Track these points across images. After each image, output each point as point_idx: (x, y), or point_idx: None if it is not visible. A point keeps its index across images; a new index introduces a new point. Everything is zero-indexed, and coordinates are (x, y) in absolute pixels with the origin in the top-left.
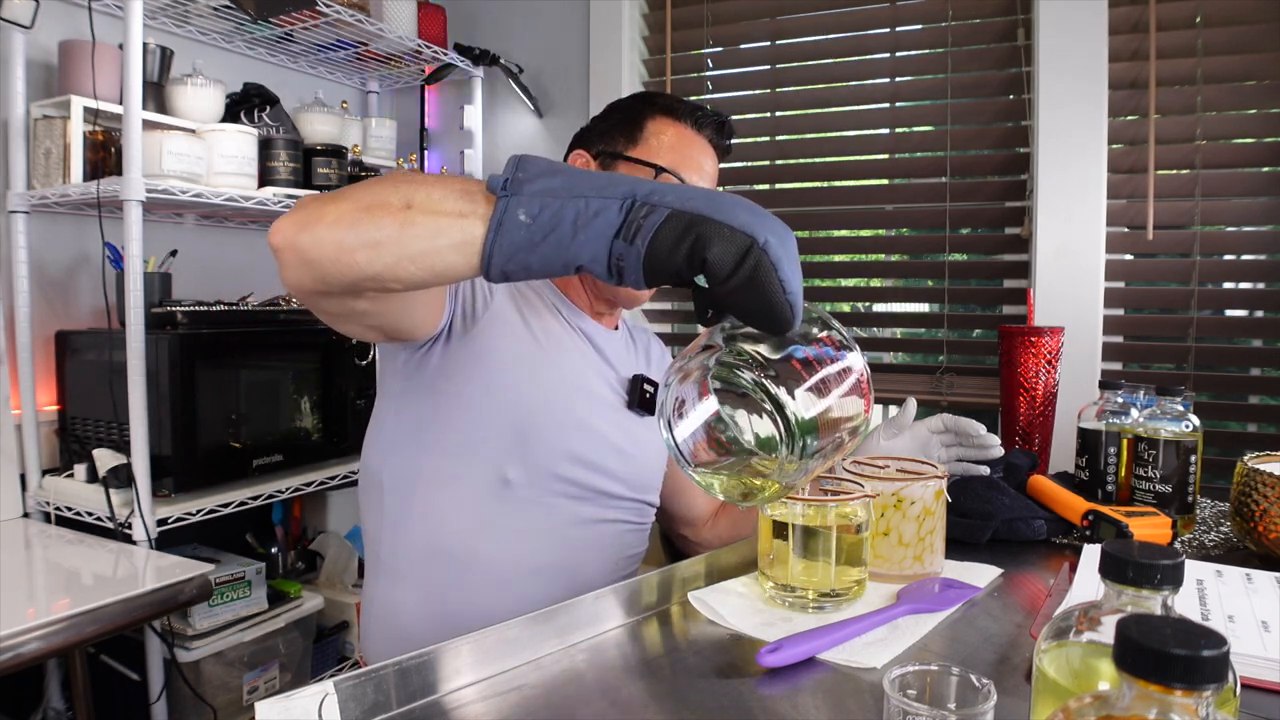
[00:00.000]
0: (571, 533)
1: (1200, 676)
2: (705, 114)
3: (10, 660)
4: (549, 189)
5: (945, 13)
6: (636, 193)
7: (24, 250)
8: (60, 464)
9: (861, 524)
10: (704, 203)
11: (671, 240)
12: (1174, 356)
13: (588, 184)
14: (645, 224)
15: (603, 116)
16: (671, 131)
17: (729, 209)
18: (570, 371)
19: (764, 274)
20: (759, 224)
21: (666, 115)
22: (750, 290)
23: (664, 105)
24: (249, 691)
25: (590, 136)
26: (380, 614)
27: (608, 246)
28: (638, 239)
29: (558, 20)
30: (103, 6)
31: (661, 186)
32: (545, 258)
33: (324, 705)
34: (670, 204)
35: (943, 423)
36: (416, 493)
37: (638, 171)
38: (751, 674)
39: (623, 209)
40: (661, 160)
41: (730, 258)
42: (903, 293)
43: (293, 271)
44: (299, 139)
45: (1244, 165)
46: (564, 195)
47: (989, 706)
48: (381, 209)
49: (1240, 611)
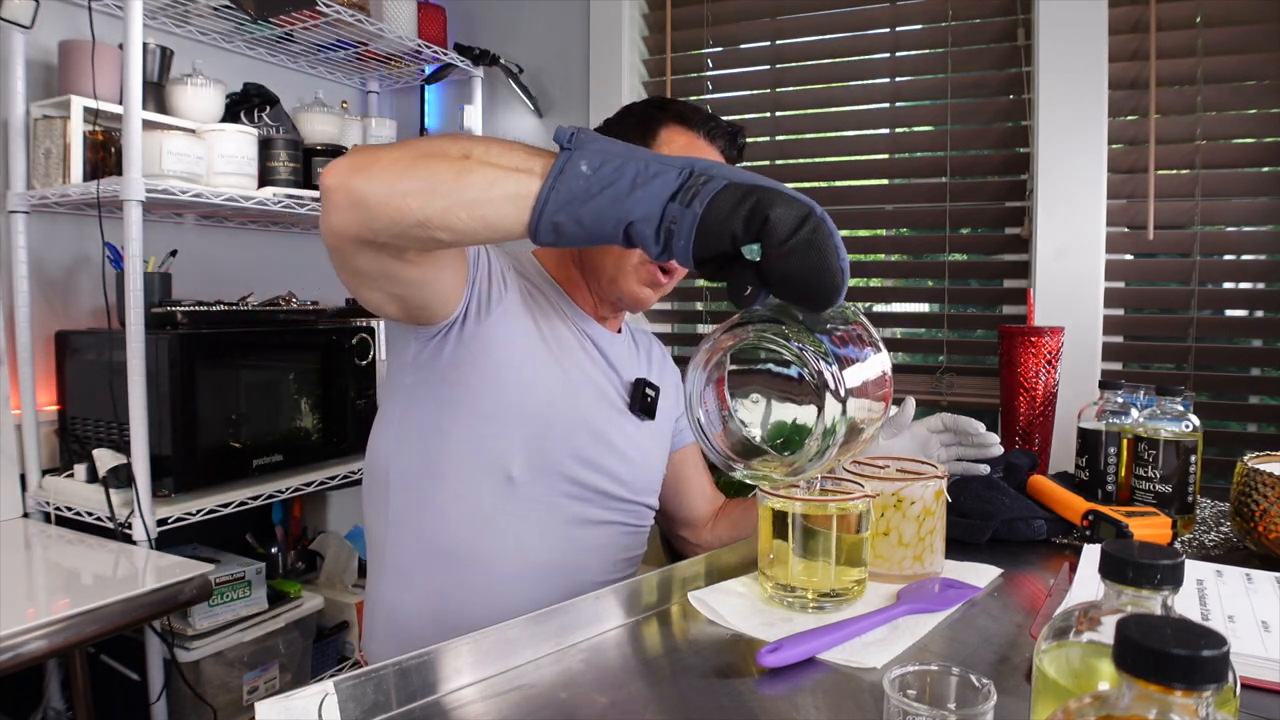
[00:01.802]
0: (571, 533)
1: (1200, 676)
2: (719, 125)
3: (10, 660)
4: (611, 150)
5: (945, 13)
6: (695, 165)
7: (24, 250)
8: (60, 464)
9: (861, 522)
10: (758, 179)
11: (730, 204)
12: (1174, 356)
13: (646, 153)
14: (703, 190)
15: (616, 119)
16: (684, 140)
17: (781, 187)
18: (576, 373)
19: (823, 237)
20: (811, 202)
21: (680, 124)
22: (809, 253)
23: (678, 113)
24: (249, 691)
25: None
26: (384, 615)
27: (661, 206)
28: (695, 202)
29: (558, 20)
30: (103, 6)
31: (717, 164)
32: (598, 211)
33: (324, 705)
34: (728, 176)
35: (942, 422)
36: (422, 488)
37: None
38: (751, 674)
39: (680, 174)
40: None
41: (791, 219)
42: (903, 293)
43: (340, 214)
44: (299, 139)
45: (1244, 165)
46: (625, 156)
47: (989, 706)
48: (440, 157)
49: (1240, 611)
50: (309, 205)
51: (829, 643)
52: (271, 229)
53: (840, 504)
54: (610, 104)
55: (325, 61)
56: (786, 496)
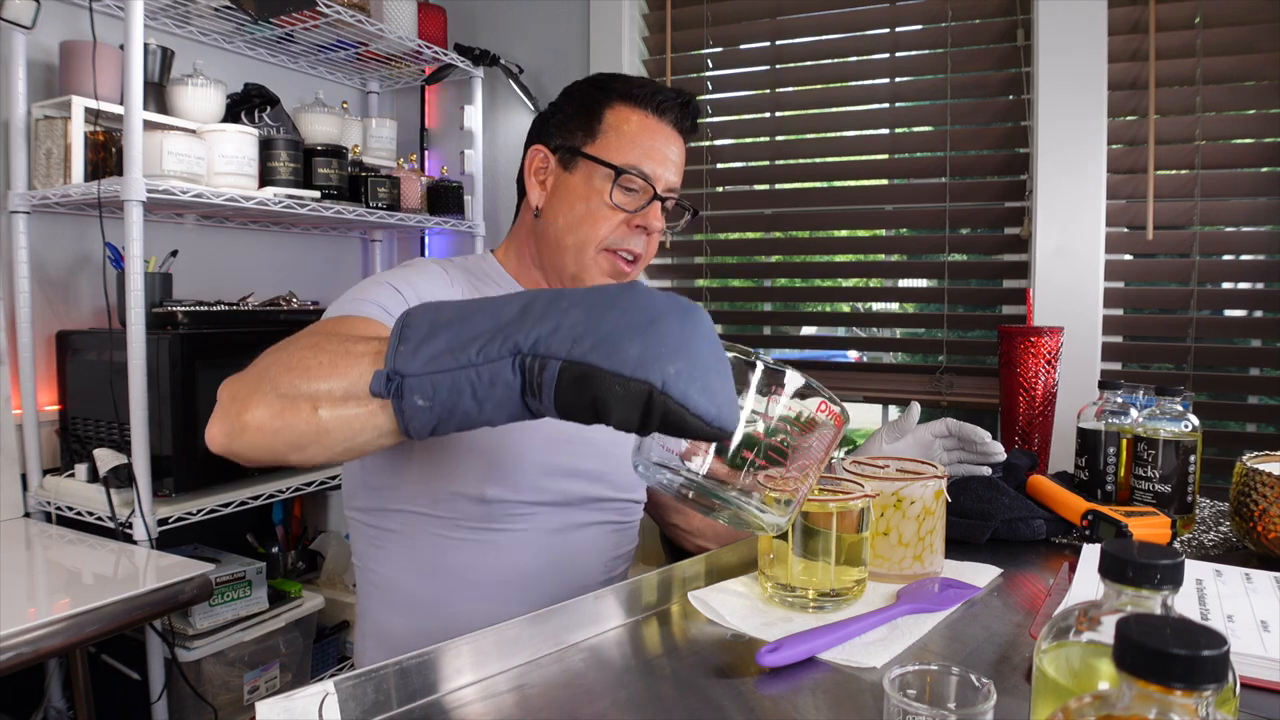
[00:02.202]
0: (557, 540)
1: (1200, 676)
2: (667, 97)
3: (11, 660)
4: (435, 357)
5: (945, 13)
6: (521, 344)
7: (25, 250)
8: (61, 464)
9: (861, 521)
10: (591, 340)
11: (573, 400)
12: (1174, 356)
13: (473, 335)
14: (544, 381)
15: (559, 104)
16: (633, 120)
17: (620, 340)
18: None
19: (674, 417)
20: (654, 354)
21: (625, 103)
22: (668, 429)
23: (622, 91)
24: (249, 691)
25: (548, 127)
26: (372, 629)
27: (521, 406)
28: (543, 397)
29: (558, 20)
30: (103, 7)
31: (550, 312)
32: (464, 424)
33: (324, 705)
34: (558, 352)
35: (946, 427)
36: (396, 519)
37: (597, 173)
38: (751, 674)
39: (516, 368)
40: (622, 156)
41: (634, 415)
42: (903, 293)
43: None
44: (299, 139)
45: (1244, 165)
46: (452, 364)
47: (989, 706)
48: (294, 413)
49: (1240, 611)
50: (309, 205)
51: (829, 643)
52: (272, 229)
53: (840, 504)
54: None
55: (325, 62)
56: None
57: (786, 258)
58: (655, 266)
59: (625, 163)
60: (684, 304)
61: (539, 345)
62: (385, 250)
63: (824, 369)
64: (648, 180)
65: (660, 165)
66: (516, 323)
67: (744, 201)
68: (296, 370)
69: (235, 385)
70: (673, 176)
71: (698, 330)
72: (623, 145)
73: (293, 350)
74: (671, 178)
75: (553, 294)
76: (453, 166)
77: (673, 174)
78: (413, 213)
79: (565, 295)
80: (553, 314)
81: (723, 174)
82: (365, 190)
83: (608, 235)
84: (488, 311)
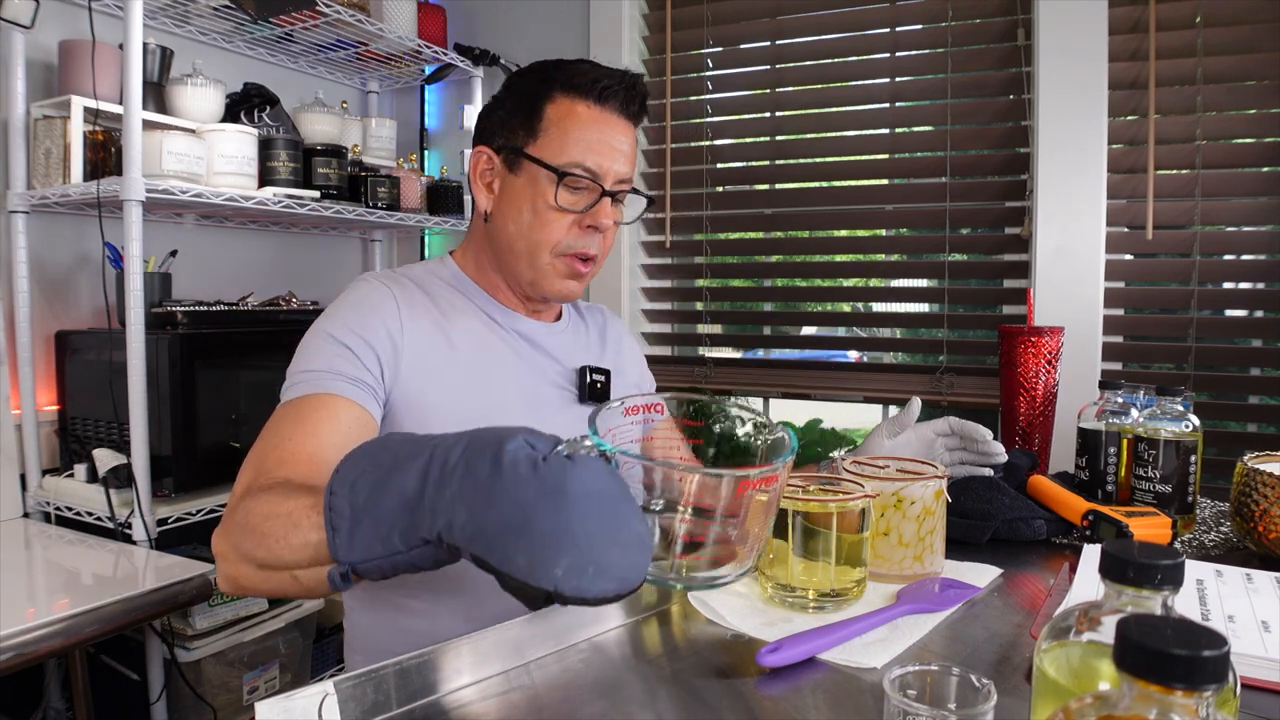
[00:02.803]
0: None
1: (1200, 677)
2: (610, 84)
3: (10, 660)
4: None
5: (945, 13)
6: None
7: (24, 250)
8: (60, 464)
9: (862, 522)
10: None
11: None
12: (1174, 356)
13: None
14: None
15: (500, 98)
16: (575, 113)
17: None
18: (506, 384)
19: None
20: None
21: (566, 94)
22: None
23: (563, 82)
24: (249, 691)
25: (491, 126)
26: (360, 635)
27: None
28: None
29: (558, 20)
30: (103, 6)
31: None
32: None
33: (324, 705)
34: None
35: (949, 425)
36: None
37: (541, 174)
38: (751, 674)
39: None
40: (566, 155)
41: (538, 602)
42: (903, 293)
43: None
44: (299, 139)
45: (1244, 165)
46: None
47: (989, 706)
48: (277, 579)
49: (1240, 611)
50: (309, 205)
51: (829, 643)
52: (271, 229)
53: (840, 504)
54: None
55: (325, 61)
56: (787, 496)
57: (786, 258)
58: (655, 266)
59: (568, 161)
60: (553, 485)
61: (444, 536)
62: (385, 250)
63: (824, 369)
64: (594, 177)
65: (606, 158)
66: (418, 508)
67: (744, 201)
68: (260, 542)
69: (221, 545)
70: (622, 167)
71: (573, 512)
72: (565, 142)
73: (250, 517)
74: (621, 169)
75: (439, 472)
76: (452, 166)
77: (622, 165)
78: (412, 213)
79: (448, 477)
80: (442, 506)
81: (723, 174)
82: (365, 190)
83: (560, 240)
84: (394, 489)
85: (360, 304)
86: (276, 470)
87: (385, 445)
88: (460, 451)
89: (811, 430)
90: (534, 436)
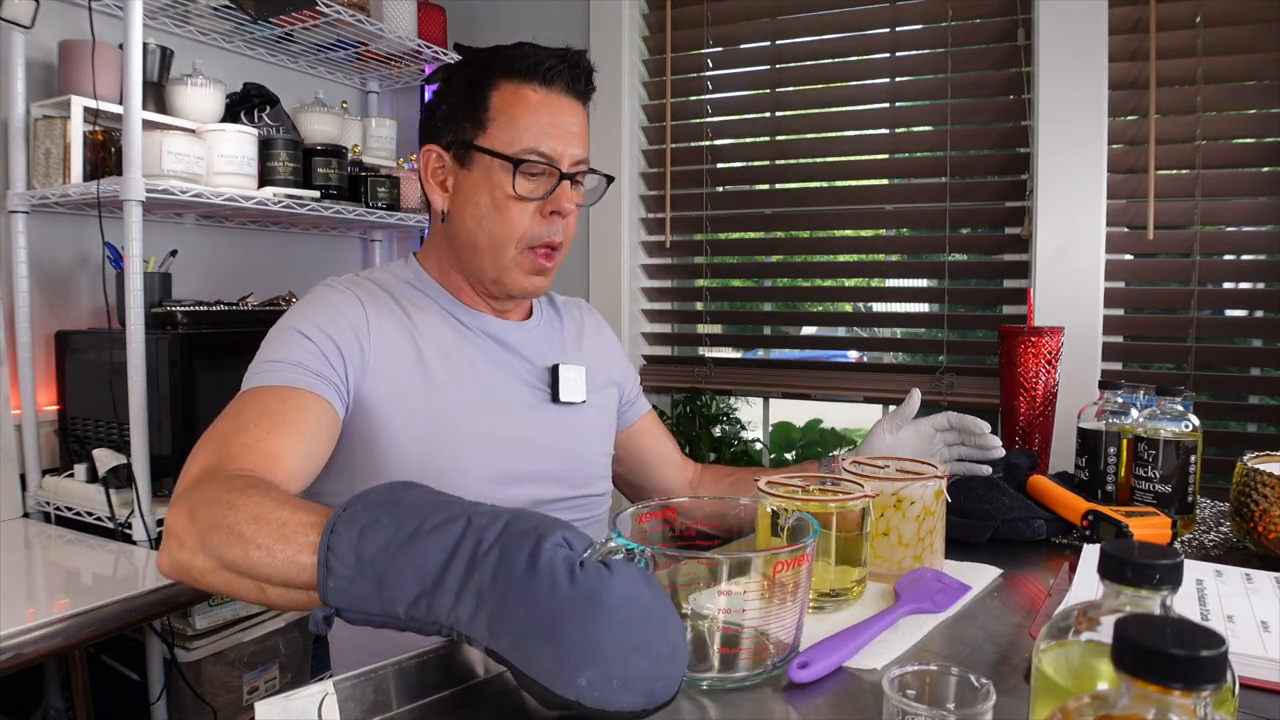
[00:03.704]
0: None
1: (1199, 677)
2: (553, 64)
3: (10, 660)
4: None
5: (945, 13)
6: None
7: (24, 250)
8: (60, 464)
9: (862, 522)
10: (508, 639)
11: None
12: (1174, 356)
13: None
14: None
15: (440, 93)
16: (524, 97)
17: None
18: (474, 385)
19: (597, 713)
20: (564, 666)
21: (508, 79)
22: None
23: (503, 68)
24: (249, 691)
25: (435, 122)
26: (341, 647)
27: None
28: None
29: (558, 20)
30: (103, 6)
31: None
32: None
33: (324, 705)
34: (480, 637)
35: (948, 420)
36: None
37: (495, 165)
38: None
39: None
40: (516, 144)
41: (557, 707)
42: (903, 293)
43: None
44: (299, 139)
45: (1244, 165)
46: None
47: (988, 706)
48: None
49: (1240, 611)
50: (309, 205)
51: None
52: (271, 229)
53: (840, 504)
54: (610, 104)
55: (325, 61)
56: (786, 497)
57: (786, 258)
58: (655, 266)
59: (522, 149)
60: (589, 594)
61: (460, 625)
62: (385, 250)
63: (824, 369)
64: (550, 161)
65: (560, 141)
66: (438, 589)
67: (744, 201)
68: (237, 544)
69: (180, 527)
70: (577, 149)
71: (603, 624)
72: (516, 129)
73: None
74: (575, 150)
75: (468, 557)
76: None
77: (576, 147)
78: (412, 213)
79: (478, 563)
80: (468, 593)
81: (723, 174)
82: (365, 190)
83: (525, 230)
84: (413, 557)
85: (325, 304)
86: (241, 457)
87: (407, 501)
88: (495, 537)
89: (811, 430)
90: (571, 534)
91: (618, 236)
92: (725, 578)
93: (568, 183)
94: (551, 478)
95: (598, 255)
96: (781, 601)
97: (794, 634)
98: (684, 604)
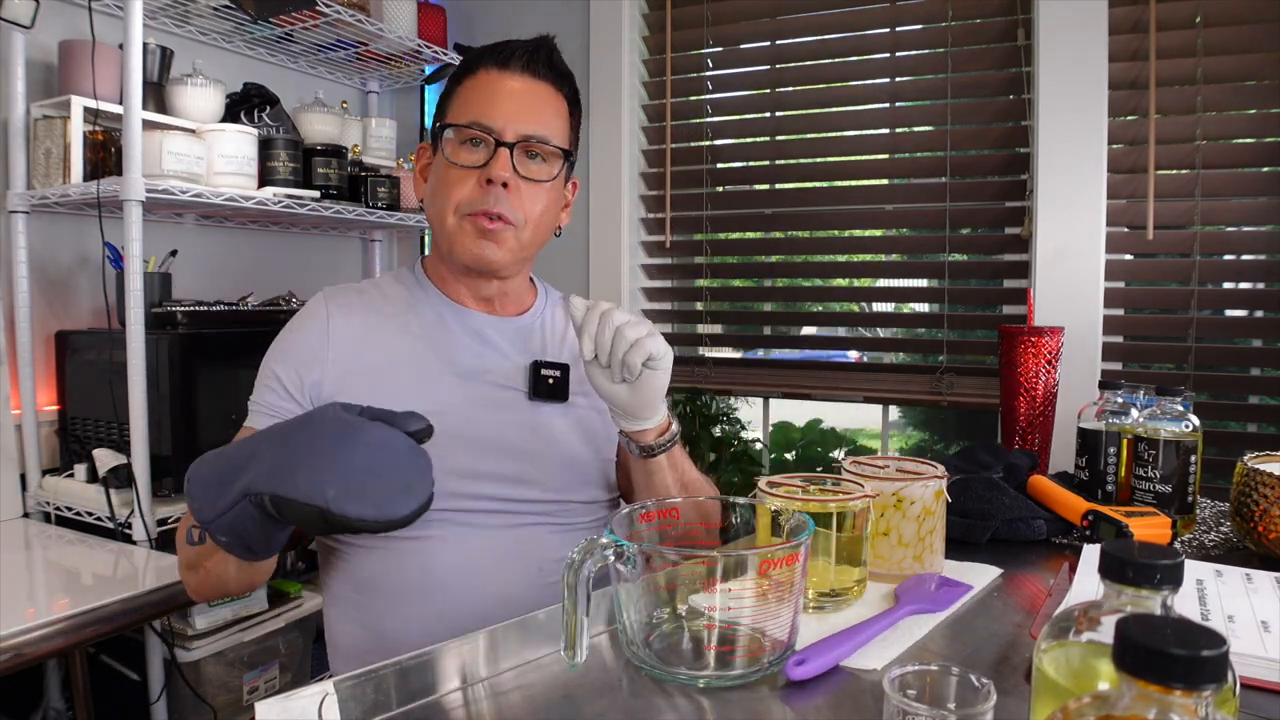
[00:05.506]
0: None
1: (1200, 677)
2: (514, 49)
3: (10, 660)
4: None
5: (945, 13)
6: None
7: (24, 250)
8: (60, 464)
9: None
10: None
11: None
12: (1174, 356)
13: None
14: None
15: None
16: (479, 78)
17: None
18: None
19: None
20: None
21: (473, 70)
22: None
23: (472, 61)
24: (249, 691)
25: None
26: (335, 640)
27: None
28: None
29: (558, 20)
30: (103, 6)
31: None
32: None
33: (324, 705)
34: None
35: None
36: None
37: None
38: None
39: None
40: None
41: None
42: (903, 293)
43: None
44: (299, 139)
45: (1244, 165)
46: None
47: (988, 706)
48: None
49: (1240, 611)
50: (309, 205)
51: (851, 649)
52: (271, 229)
53: (840, 504)
54: (610, 104)
55: (325, 61)
56: (786, 497)
57: (786, 258)
58: (655, 266)
59: (465, 120)
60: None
61: (254, 484)
62: (385, 250)
63: (824, 369)
64: (488, 130)
65: (501, 110)
66: (244, 468)
67: (744, 201)
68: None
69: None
70: (526, 124)
71: (353, 445)
72: (465, 106)
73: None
74: (524, 126)
75: (267, 434)
76: None
77: (525, 120)
78: (412, 213)
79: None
80: (261, 455)
81: (723, 174)
82: (365, 190)
83: (462, 198)
84: (232, 460)
85: (291, 328)
86: None
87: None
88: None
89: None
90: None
91: (618, 236)
92: (721, 577)
93: (506, 152)
94: (520, 479)
95: (598, 255)
96: (778, 600)
97: (789, 632)
98: (682, 604)
